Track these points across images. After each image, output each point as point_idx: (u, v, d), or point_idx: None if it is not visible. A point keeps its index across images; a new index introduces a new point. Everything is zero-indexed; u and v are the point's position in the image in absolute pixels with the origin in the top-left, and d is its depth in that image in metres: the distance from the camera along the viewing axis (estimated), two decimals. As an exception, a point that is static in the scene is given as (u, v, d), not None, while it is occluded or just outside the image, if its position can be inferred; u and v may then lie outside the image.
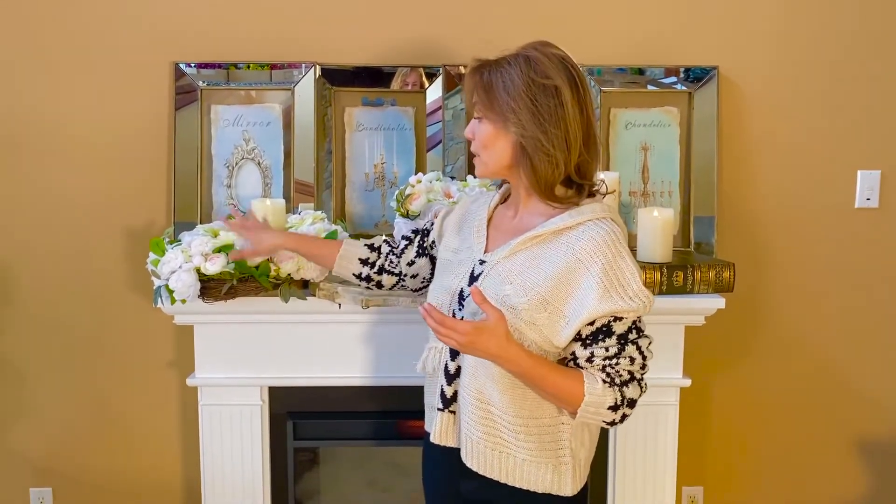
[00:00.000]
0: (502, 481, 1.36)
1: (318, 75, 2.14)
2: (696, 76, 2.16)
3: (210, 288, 1.79)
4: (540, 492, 1.36)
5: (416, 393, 1.57)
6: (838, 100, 2.20)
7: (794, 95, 2.20)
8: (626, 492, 2.01)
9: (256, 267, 1.77)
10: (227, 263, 1.76)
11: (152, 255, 1.82)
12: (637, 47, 2.17)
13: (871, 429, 2.34)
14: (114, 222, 2.20)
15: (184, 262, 1.75)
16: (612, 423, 1.31)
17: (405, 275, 1.64)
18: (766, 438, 2.34)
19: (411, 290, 1.68)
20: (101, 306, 2.23)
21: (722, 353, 2.29)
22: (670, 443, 1.99)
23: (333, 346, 1.94)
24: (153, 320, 2.20)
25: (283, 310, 1.88)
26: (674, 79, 2.16)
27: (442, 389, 1.41)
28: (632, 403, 1.30)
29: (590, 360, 1.30)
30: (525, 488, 1.36)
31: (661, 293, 1.88)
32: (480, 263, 1.38)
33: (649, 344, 1.33)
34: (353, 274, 1.66)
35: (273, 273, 1.78)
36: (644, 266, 1.87)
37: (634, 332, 1.30)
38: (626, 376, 1.30)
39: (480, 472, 1.37)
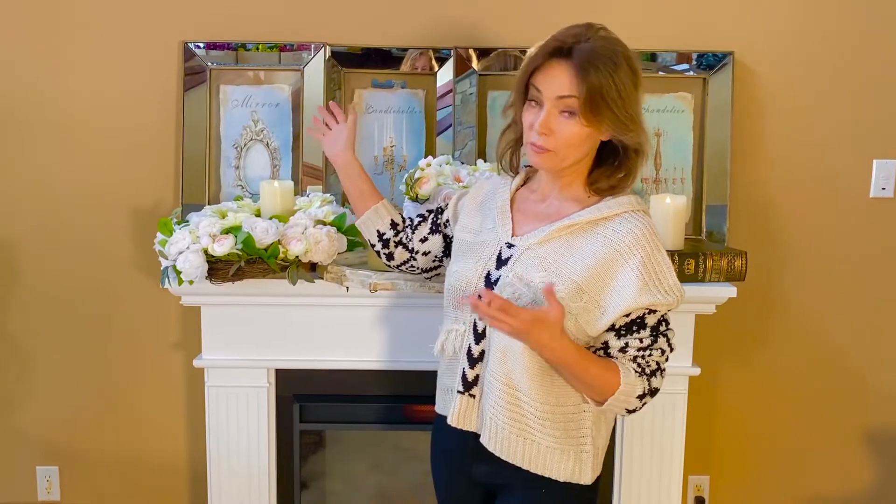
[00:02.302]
0: (524, 468, 1.36)
1: (327, 56, 2.12)
2: (709, 63, 2.12)
3: (218, 269, 1.79)
4: (561, 480, 1.36)
5: (423, 377, 1.57)
6: (855, 88, 2.17)
7: (810, 83, 2.17)
8: (632, 480, 2.00)
9: (265, 249, 1.76)
10: (235, 245, 1.75)
11: (160, 236, 1.81)
12: (651, 31, 2.14)
13: (880, 420, 2.33)
14: (121, 203, 2.20)
15: (191, 242, 1.74)
16: (633, 411, 1.33)
17: (416, 251, 1.61)
18: (773, 428, 2.33)
19: (420, 269, 1.64)
20: (108, 286, 2.23)
21: (732, 343, 2.27)
22: (678, 431, 1.98)
23: (340, 330, 1.93)
24: (160, 301, 2.20)
25: (291, 292, 1.87)
26: (686, 66, 2.13)
27: (464, 372, 1.39)
28: (654, 392, 1.33)
29: (623, 350, 1.31)
30: (547, 476, 1.36)
31: (671, 281, 1.86)
32: (508, 247, 1.37)
33: (673, 336, 1.35)
34: (378, 230, 1.62)
35: (281, 255, 1.77)
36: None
37: (664, 324, 1.33)
38: (655, 366, 1.32)
39: (503, 458, 1.36)
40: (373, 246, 1.65)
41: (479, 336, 1.37)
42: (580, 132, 1.28)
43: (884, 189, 2.20)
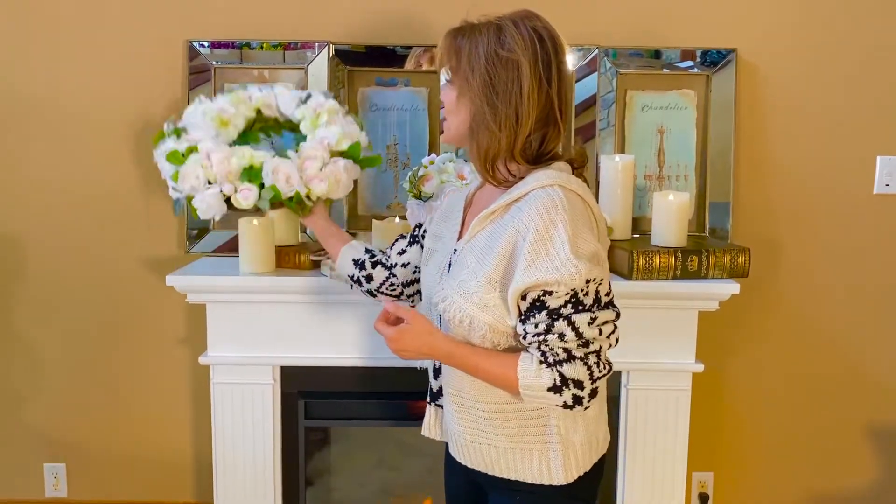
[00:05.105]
0: (489, 473, 1.34)
1: (331, 55, 2.12)
2: (713, 60, 2.13)
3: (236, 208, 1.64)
4: (529, 482, 1.31)
5: (427, 374, 1.57)
6: (859, 84, 2.17)
7: (814, 79, 2.17)
8: (636, 476, 2.01)
9: (290, 199, 1.61)
10: (259, 197, 1.58)
11: (169, 167, 1.58)
12: (654, 28, 2.14)
13: (883, 416, 2.33)
14: (127, 201, 2.21)
15: (206, 180, 1.55)
16: (567, 406, 1.21)
17: (395, 265, 1.55)
18: (777, 425, 2.33)
19: (400, 284, 1.56)
20: (114, 284, 2.24)
21: (735, 339, 2.27)
22: (681, 428, 1.98)
23: (345, 327, 1.94)
24: (166, 298, 2.21)
25: (296, 290, 1.88)
26: (690, 62, 2.13)
27: (430, 383, 1.42)
28: (579, 385, 1.20)
29: (525, 337, 1.22)
30: (513, 478, 1.32)
31: (675, 278, 1.87)
32: (454, 252, 1.34)
33: (593, 321, 1.20)
34: (353, 258, 1.58)
35: (304, 196, 1.63)
36: (658, 250, 1.86)
37: (570, 306, 1.19)
38: (562, 355, 1.20)
39: (468, 466, 1.36)
40: (351, 277, 1.58)
41: None
42: (452, 97, 1.28)
43: (888, 185, 2.20)
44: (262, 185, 1.58)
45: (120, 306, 2.25)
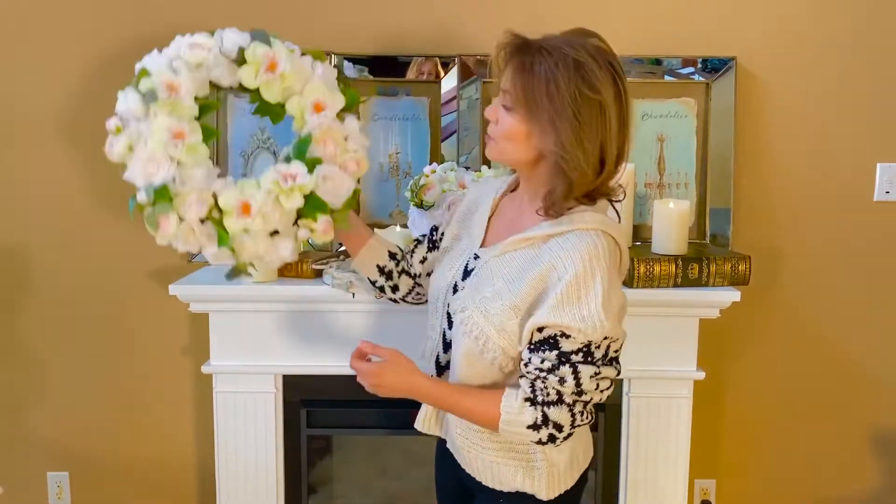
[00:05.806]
0: (478, 479, 1.37)
1: (333, 64, 2.13)
2: (714, 66, 2.14)
3: None
4: (513, 492, 1.34)
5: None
6: (858, 92, 2.18)
7: (813, 86, 2.17)
8: (638, 484, 2.01)
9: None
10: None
11: (211, 245, 1.24)
12: (654, 37, 2.15)
13: (886, 422, 2.33)
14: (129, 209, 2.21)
15: (267, 237, 1.26)
16: (541, 443, 1.24)
17: (418, 274, 1.54)
18: (779, 432, 2.33)
19: (427, 295, 1.51)
20: (118, 293, 2.25)
21: (737, 346, 2.27)
22: (683, 435, 1.98)
23: (347, 335, 1.95)
24: (168, 307, 2.21)
25: (298, 298, 1.89)
26: (691, 69, 2.15)
27: None
28: (558, 427, 1.22)
29: (527, 364, 1.24)
30: (498, 489, 1.35)
31: (675, 286, 1.87)
32: (475, 258, 1.34)
33: (596, 375, 1.22)
34: (378, 265, 1.50)
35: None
36: (659, 258, 1.86)
37: (581, 355, 1.20)
38: (554, 396, 1.22)
39: (462, 467, 1.39)
40: (374, 283, 1.52)
41: (447, 345, 1.37)
42: (518, 127, 1.23)
43: (888, 192, 2.21)
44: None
45: (123, 315, 2.26)
